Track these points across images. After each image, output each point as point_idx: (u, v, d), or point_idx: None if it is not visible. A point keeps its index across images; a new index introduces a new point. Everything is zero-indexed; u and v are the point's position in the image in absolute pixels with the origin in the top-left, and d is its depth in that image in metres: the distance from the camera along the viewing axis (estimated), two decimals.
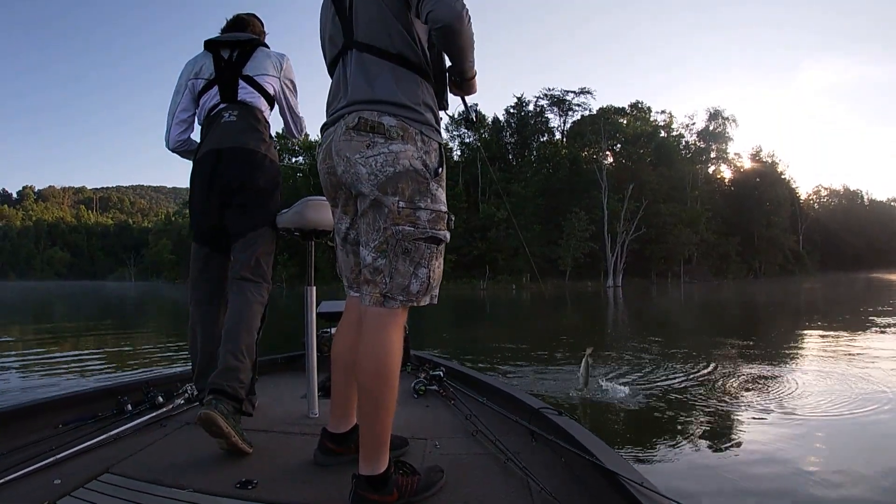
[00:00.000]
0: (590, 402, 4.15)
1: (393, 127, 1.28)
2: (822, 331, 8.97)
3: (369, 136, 1.28)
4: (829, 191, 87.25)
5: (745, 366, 5.55)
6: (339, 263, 1.52)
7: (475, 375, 2.52)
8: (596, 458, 1.36)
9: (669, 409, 3.93)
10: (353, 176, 1.31)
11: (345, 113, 1.33)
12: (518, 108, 58.58)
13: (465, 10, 1.23)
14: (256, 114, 2.13)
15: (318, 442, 1.57)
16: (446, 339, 9.07)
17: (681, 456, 2.92)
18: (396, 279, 1.29)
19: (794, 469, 2.65)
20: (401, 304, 1.30)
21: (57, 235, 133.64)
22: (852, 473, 2.59)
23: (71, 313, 17.41)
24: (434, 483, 1.39)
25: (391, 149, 1.27)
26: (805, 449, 2.95)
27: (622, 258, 47.00)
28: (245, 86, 2.13)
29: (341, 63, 1.40)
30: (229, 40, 2.17)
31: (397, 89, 1.31)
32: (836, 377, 4.85)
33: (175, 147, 2.25)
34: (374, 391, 1.27)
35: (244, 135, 2.06)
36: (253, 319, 1.97)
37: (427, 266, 1.31)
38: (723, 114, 57.47)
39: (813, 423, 3.42)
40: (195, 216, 2.14)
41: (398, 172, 1.27)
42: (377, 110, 1.29)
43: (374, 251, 1.30)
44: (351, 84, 1.35)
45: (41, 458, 1.52)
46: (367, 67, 1.33)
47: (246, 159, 2.04)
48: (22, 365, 6.45)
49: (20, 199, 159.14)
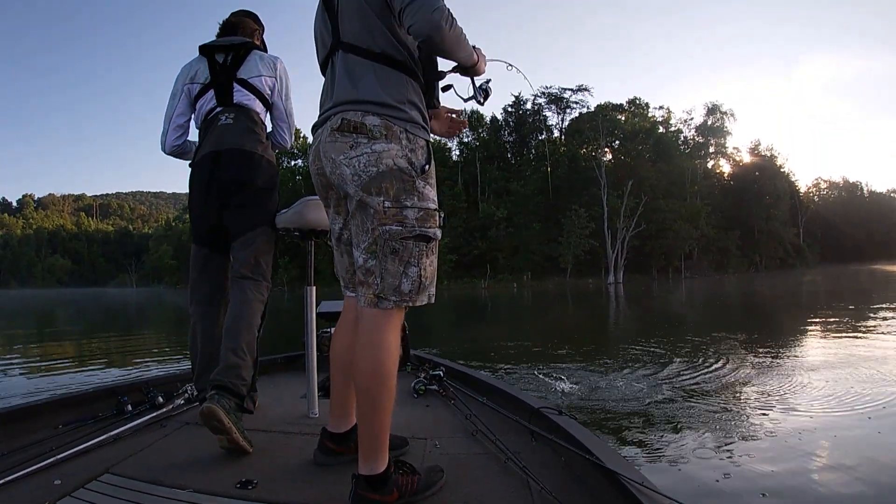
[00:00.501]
0: (590, 402, 4.15)
1: (376, 126, 1.28)
2: (828, 325, 8.94)
3: (352, 136, 1.29)
4: (828, 183, 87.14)
5: (749, 362, 5.54)
6: (336, 264, 1.53)
7: (475, 375, 2.52)
8: (596, 458, 1.36)
9: (670, 408, 3.91)
10: (338, 177, 1.32)
11: (331, 114, 1.34)
12: (516, 106, 58.59)
13: (443, 19, 1.22)
14: (253, 116, 2.15)
15: (318, 442, 1.57)
16: (449, 339, 9.07)
17: (681, 455, 2.90)
18: (387, 279, 1.28)
19: (797, 469, 2.63)
20: (394, 304, 1.29)
21: (58, 243, 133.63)
22: (857, 473, 2.55)
23: (73, 319, 17.43)
24: (434, 483, 1.39)
25: (374, 148, 1.27)
26: (809, 448, 2.90)
27: (623, 255, 47.02)
28: (240, 89, 2.15)
29: (331, 64, 1.42)
30: (223, 44, 2.20)
31: (380, 89, 1.31)
32: (843, 373, 4.80)
33: (171, 151, 2.29)
34: (371, 391, 1.28)
35: (241, 136, 2.08)
36: (253, 317, 1.98)
37: (417, 265, 1.30)
38: (721, 108, 57.60)
39: (818, 422, 3.38)
40: (194, 218, 2.16)
41: (381, 172, 1.27)
42: (360, 110, 1.30)
43: (364, 252, 1.30)
44: (337, 85, 1.36)
45: (41, 458, 1.52)
46: (351, 68, 1.34)
47: (244, 160, 2.07)
48: (22, 366, 6.47)
49: (20, 207, 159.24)
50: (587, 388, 4.50)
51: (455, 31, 1.27)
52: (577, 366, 5.54)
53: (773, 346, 6.57)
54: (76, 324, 15.47)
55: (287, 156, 53.81)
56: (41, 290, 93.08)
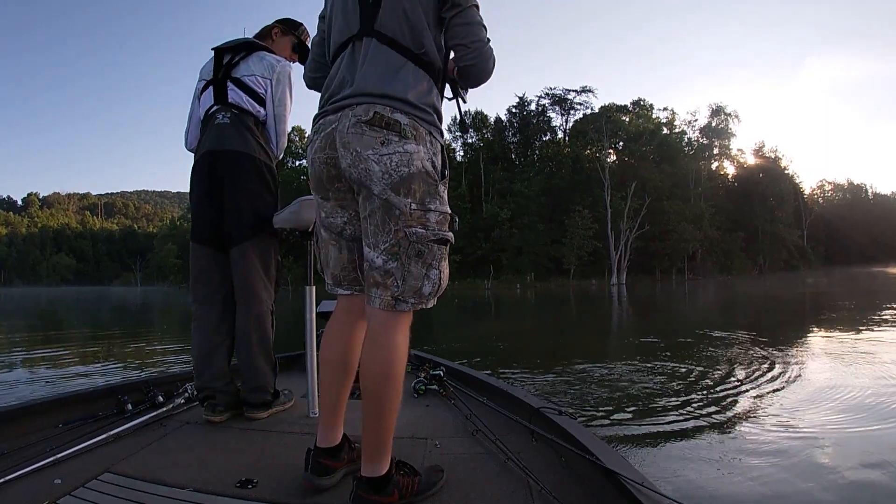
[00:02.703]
0: (591, 402, 4.14)
1: (407, 126, 1.25)
2: (834, 328, 8.90)
3: (383, 132, 1.24)
4: (833, 185, 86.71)
5: (752, 364, 5.52)
6: (326, 259, 1.45)
7: (475, 375, 2.52)
8: (596, 458, 1.36)
9: (671, 408, 3.90)
10: (362, 172, 1.25)
11: (353, 104, 1.27)
12: (520, 107, 58.57)
13: (493, 65, 1.38)
14: (247, 115, 2.13)
15: (310, 464, 1.41)
16: (453, 338, 9.05)
17: (682, 455, 2.90)
18: (409, 282, 1.26)
19: (799, 469, 2.61)
20: (411, 306, 1.28)
21: (62, 242, 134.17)
22: (859, 474, 2.54)
23: (78, 317, 17.50)
24: (435, 483, 1.39)
25: (406, 148, 1.24)
26: (811, 448, 2.90)
27: (626, 256, 46.95)
28: (234, 87, 2.14)
29: (350, 50, 1.35)
30: (230, 45, 2.21)
31: (413, 88, 1.28)
32: (848, 374, 4.79)
33: (192, 147, 2.29)
34: (381, 394, 1.26)
35: (235, 138, 2.08)
36: (261, 336, 2.12)
37: (438, 267, 1.29)
38: (725, 110, 57.38)
39: (821, 423, 3.37)
40: (194, 216, 2.17)
41: (412, 174, 1.24)
42: (390, 106, 1.25)
43: (384, 253, 1.26)
44: (362, 74, 1.29)
45: (41, 457, 1.53)
46: (384, 60, 1.29)
47: (236, 163, 2.07)
48: (24, 365, 6.49)
49: (25, 206, 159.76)
50: (588, 388, 4.50)
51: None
52: (578, 366, 5.53)
53: (778, 348, 6.53)
54: (78, 324, 15.51)
55: (291, 156, 53.86)
56: (46, 288, 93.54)
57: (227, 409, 2.04)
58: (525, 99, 58.29)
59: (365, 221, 1.30)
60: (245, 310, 2.09)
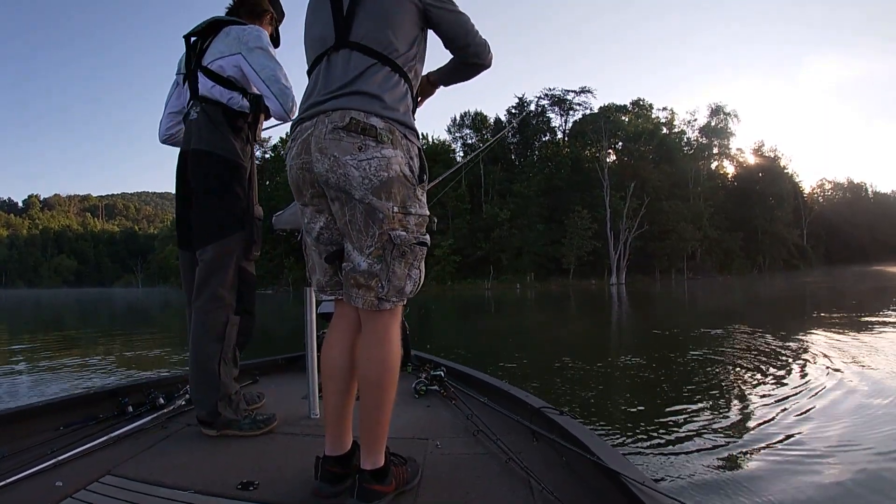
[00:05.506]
0: (591, 401, 4.14)
1: (382, 130, 1.28)
2: (835, 328, 8.89)
3: (360, 137, 1.27)
4: (832, 184, 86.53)
5: (753, 364, 5.52)
6: (312, 265, 1.45)
7: (476, 375, 2.52)
8: (597, 458, 1.36)
9: (672, 408, 3.91)
10: (341, 177, 1.27)
11: (328, 109, 1.30)
12: (519, 108, 58.53)
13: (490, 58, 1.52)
14: (216, 107, 1.96)
15: (319, 472, 1.40)
16: (456, 338, 9.05)
17: (683, 455, 2.90)
18: (394, 282, 1.31)
19: (800, 469, 2.62)
20: (393, 304, 1.33)
21: (63, 243, 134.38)
22: (862, 475, 2.54)
23: (79, 319, 17.50)
24: (416, 472, 1.45)
25: (384, 153, 1.27)
26: (813, 449, 2.90)
27: (625, 256, 47.00)
28: (202, 77, 1.98)
29: (326, 61, 1.37)
30: (198, 29, 2.05)
31: (386, 92, 1.31)
32: (851, 375, 4.78)
33: (163, 139, 2.24)
34: (382, 382, 1.31)
35: (201, 137, 1.95)
36: (202, 344, 1.91)
37: (418, 267, 1.36)
38: (724, 109, 57.37)
39: (824, 424, 3.37)
40: (175, 220, 2.15)
41: (391, 178, 1.27)
42: (364, 111, 1.28)
43: (369, 257, 1.29)
44: (336, 82, 1.33)
45: (43, 460, 1.53)
46: (358, 67, 1.32)
47: (197, 163, 1.96)
48: (25, 367, 6.49)
49: (26, 207, 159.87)
50: (588, 388, 4.50)
51: None
52: (578, 365, 5.53)
53: (778, 347, 6.54)
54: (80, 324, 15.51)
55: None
56: (47, 290, 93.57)
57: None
58: (524, 99, 58.37)
59: (345, 226, 1.32)
60: (198, 315, 1.93)
